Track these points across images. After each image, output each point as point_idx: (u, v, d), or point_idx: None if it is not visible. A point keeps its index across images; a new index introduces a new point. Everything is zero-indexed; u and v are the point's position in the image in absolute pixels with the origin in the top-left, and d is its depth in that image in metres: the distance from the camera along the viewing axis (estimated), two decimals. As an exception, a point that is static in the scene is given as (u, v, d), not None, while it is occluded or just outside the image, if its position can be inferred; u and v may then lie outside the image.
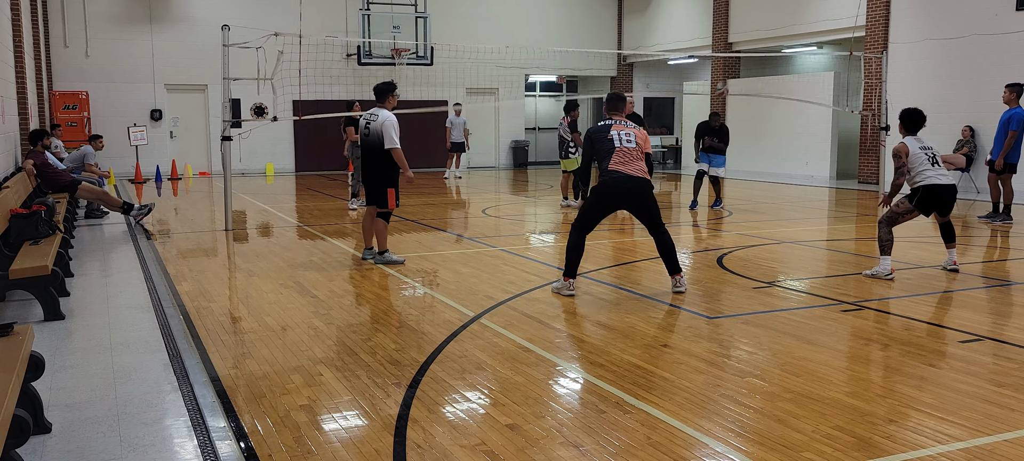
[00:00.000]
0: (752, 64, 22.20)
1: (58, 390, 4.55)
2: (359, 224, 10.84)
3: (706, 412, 4.20)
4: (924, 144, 7.54)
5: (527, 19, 24.89)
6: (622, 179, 6.75)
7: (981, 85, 15.92)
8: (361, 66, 21.48)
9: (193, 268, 8.36)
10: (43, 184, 11.09)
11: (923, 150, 7.49)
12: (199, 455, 3.71)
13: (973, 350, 5.30)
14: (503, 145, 25.71)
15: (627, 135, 6.86)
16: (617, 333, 5.70)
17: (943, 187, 7.44)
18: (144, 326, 5.97)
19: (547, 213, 13.80)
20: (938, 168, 7.46)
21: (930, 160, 7.45)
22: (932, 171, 7.41)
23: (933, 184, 7.40)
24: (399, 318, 6.26)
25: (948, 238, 7.84)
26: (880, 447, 3.74)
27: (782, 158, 20.75)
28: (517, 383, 4.64)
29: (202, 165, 22.08)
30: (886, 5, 17.59)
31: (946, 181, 7.47)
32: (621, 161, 6.76)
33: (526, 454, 3.67)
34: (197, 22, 21.07)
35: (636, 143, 6.85)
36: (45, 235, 7.53)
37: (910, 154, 7.46)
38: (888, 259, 7.58)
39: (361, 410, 4.24)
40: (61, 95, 19.70)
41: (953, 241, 7.84)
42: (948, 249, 7.87)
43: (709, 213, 13.18)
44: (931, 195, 7.43)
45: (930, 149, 7.53)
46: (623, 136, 6.84)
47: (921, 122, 7.62)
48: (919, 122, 7.61)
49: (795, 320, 6.09)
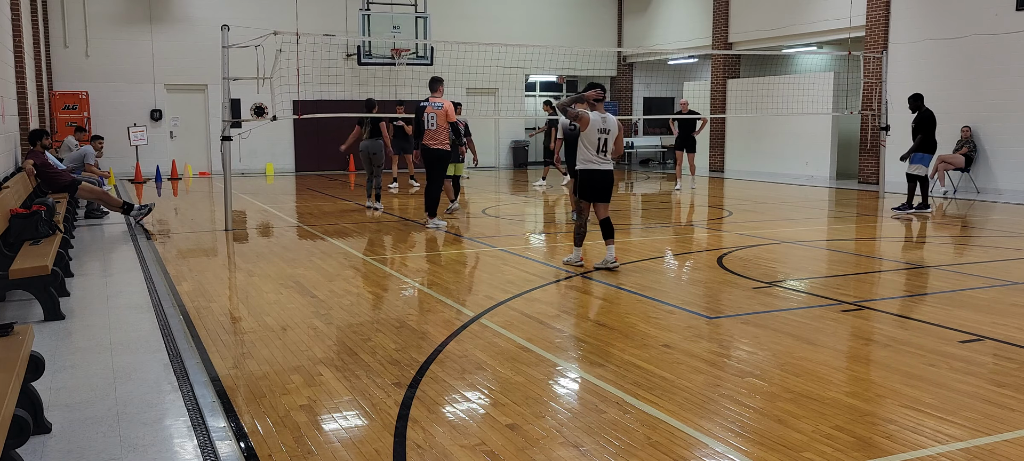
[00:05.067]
0: (752, 64, 22.21)
1: (58, 390, 4.55)
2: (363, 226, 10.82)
3: (706, 412, 4.20)
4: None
5: (527, 19, 24.90)
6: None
7: (981, 85, 15.92)
8: (361, 66, 21.49)
9: (193, 268, 8.36)
10: (43, 184, 11.09)
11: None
12: (199, 455, 3.71)
13: (973, 350, 5.30)
14: (503, 145, 25.72)
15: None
16: (617, 333, 5.70)
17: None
18: (144, 326, 5.97)
19: (547, 213, 13.79)
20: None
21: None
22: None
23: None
24: (399, 318, 6.26)
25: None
26: (880, 447, 3.74)
27: (782, 158, 20.75)
28: (517, 383, 4.63)
29: (202, 165, 22.08)
30: (886, 5, 17.59)
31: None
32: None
33: (526, 454, 3.67)
34: (197, 22, 21.07)
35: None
36: (45, 235, 7.52)
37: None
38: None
39: (361, 410, 4.23)
40: (61, 95, 19.70)
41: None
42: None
43: (709, 213, 13.17)
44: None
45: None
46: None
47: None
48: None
49: (795, 320, 6.09)
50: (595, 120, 7.83)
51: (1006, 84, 15.51)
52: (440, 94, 11.18)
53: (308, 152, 22.89)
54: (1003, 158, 15.69)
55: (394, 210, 13.48)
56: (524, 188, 18.02)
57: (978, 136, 16.01)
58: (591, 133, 7.82)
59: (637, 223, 12.46)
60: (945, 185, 15.99)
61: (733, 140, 22.64)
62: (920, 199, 12.83)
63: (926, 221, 12.13)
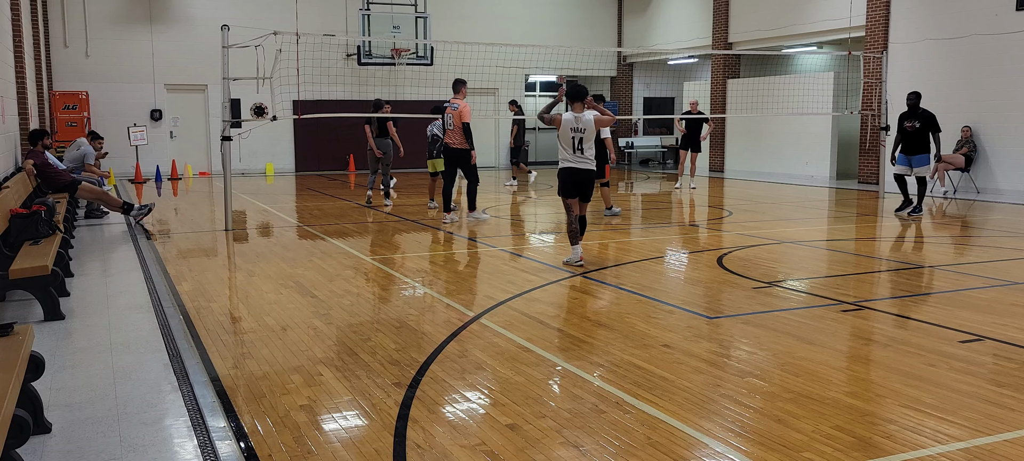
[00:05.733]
0: (752, 64, 22.21)
1: (58, 390, 4.55)
2: (363, 226, 10.83)
3: (706, 412, 4.20)
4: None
5: (527, 19, 24.89)
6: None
7: (981, 85, 15.92)
8: (361, 66, 21.49)
9: (193, 268, 8.36)
10: (43, 184, 11.09)
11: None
12: (199, 455, 3.71)
13: (973, 350, 5.30)
14: (503, 145, 25.70)
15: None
16: (617, 333, 5.70)
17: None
18: (144, 326, 5.97)
19: (547, 213, 13.79)
20: None
21: None
22: None
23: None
24: (399, 318, 6.26)
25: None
26: (880, 447, 3.74)
27: (782, 158, 20.76)
28: (517, 383, 4.63)
29: (202, 165, 22.08)
30: (886, 5, 17.59)
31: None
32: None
33: (526, 454, 3.67)
34: (197, 22, 21.07)
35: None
36: (45, 235, 7.52)
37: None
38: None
39: (361, 410, 4.23)
40: (61, 95, 19.69)
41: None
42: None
43: (709, 213, 13.17)
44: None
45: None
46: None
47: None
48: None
49: (795, 320, 6.09)
50: (568, 120, 8.02)
51: (1006, 84, 15.50)
52: (462, 96, 11.57)
53: (308, 152, 22.89)
54: (1003, 158, 15.69)
55: (394, 210, 13.48)
56: (524, 188, 18.02)
57: (978, 136, 16.01)
58: (565, 132, 8.02)
59: (637, 223, 12.46)
60: (945, 185, 15.98)
61: (733, 140, 22.65)
62: (915, 201, 12.64)
63: (919, 223, 12.11)
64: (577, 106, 8.06)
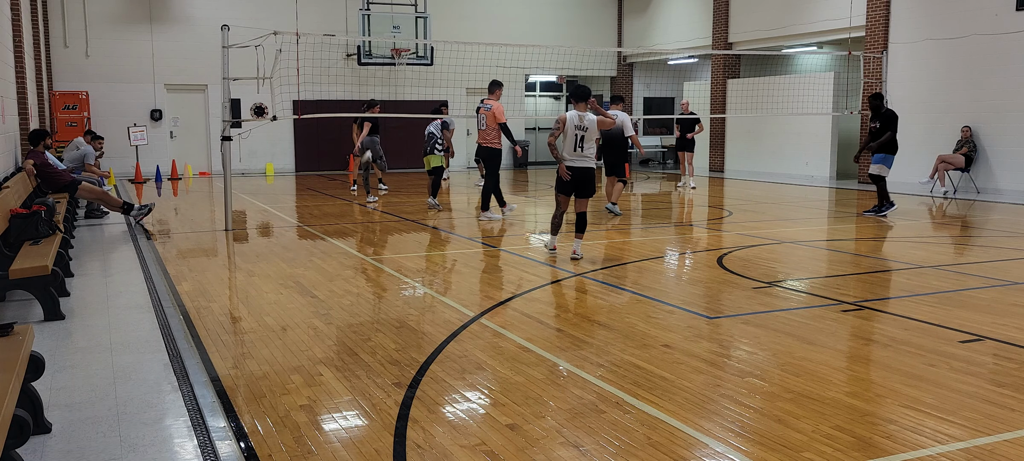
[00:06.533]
0: (752, 64, 22.21)
1: (58, 390, 4.55)
2: (363, 225, 10.82)
3: (706, 412, 4.20)
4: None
5: (527, 19, 24.89)
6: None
7: (981, 85, 15.92)
8: (361, 66, 21.49)
9: (193, 268, 8.35)
10: (43, 184, 11.09)
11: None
12: (199, 455, 3.71)
13: (973, 350, 5.30)
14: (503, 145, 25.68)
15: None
16: (617, 333, 5.70)
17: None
18: (144, 326, 5.97)
19: (547, 213, 13.78)
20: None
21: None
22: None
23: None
24: (399, 318, 6.26)
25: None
26: (880, 447, 3.74)
27: (782, 158, 20.76)
28: (517, 383, 4.63)
29: (202, 165, 22.08)
30: (886, 5, 17.59)
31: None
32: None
33: (526, 454, 3.67)
34: (197, 22, 21.07)
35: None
36: (45, 235, 7.52)
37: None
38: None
39: (361, 410, 4.23)
40: (61, 95, 19.69)
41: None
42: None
43: (709, 213, 13.17)
44: None
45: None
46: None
47: None
48: None
49: (795, 320, 6.09)
50: (572, 118, 8.28)
51: (1006, 84, 15.51)
52: (496, 97, 11.94)
53: (308, 152, 22.89)
54: (1003, 158, 15.69)
55: (394, 209, 13.48)
56: (524, 188, 18.01)
57: (978, 136, 16.01)
58: (569, 131, 8.27)
59: (637, 223, 12.46)
60: (945, 185, 15.99)
61: (733, 140, 22.64)
62: (877, 200, 12.81)
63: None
64: (581, 106, 8.35)
